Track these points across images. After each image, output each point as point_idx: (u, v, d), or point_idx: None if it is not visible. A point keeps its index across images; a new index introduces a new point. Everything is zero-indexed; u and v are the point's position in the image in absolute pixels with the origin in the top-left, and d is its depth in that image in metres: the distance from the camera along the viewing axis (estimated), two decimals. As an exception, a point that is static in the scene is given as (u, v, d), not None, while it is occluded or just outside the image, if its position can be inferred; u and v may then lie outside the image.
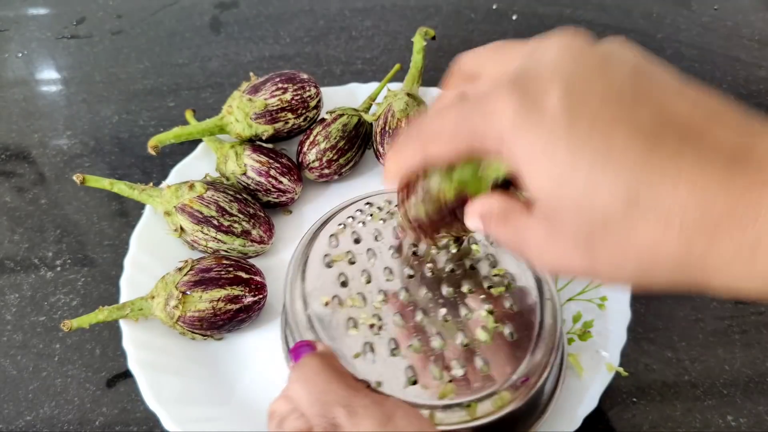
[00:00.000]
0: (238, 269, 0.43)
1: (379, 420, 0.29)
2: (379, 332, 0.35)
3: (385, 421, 0.28)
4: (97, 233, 0.53)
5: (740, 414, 0.42)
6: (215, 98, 0.64)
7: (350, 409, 0.29)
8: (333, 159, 0.51)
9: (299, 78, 0.51)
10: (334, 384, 0.31)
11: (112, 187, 0.47)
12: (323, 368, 0.32)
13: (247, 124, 0.49)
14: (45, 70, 0.69)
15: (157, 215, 0.48)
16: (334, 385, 0.31)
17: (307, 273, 0.39)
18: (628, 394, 0.43)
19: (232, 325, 0.43)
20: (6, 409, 0.43)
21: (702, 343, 0.45)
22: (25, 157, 0.60)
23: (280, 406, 0.32)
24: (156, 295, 0.42)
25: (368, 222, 0.41)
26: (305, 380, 0.31)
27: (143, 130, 0.61)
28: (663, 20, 0.72)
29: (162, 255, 0.46)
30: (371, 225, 0.41)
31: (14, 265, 0.51)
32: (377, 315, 0.36)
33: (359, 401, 0.30)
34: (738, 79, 0.66)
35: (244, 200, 0.47)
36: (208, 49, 0.70)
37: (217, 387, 0.42)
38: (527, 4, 0.74)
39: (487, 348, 0.35)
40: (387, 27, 0.72)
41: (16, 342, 0.47)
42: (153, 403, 0.39)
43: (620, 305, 0.43)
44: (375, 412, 0.29)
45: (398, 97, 0.52)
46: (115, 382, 0.44)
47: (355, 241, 0.40)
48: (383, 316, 0.36)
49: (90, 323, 0.41)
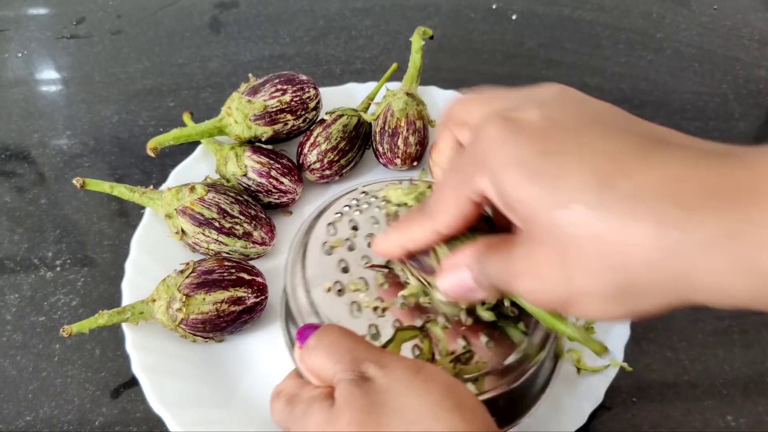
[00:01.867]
0: (240, 271, 0.43)
1: (411, 369, 0.27)
2: (383, 314, 0.35)
3: (416, 370, 0.27)
4: (97, 233, 0.53)
5: (740, 414, 0.42)
6: (215, 98, 0.64)
7: (380, 362, 0.28)
8: (334, 160, 0.51)
9: (298, 79, 0.51)
10: (360, 344, 0.30)
11: (113, 190, 0.47)
12: (345, 334, 0.31)
13: (246, 125, 0.49)
14: (45, 70, 0.69)
15: (158, 218, 0.48)
16: (361, 345, 0.29)
17: (307, 260, 0.38)
18: (627, 394, 0.43)
19: (234, 327, 0.43)
20: (6, 410, 0.43)
21: (702, 343, 0.46)
22: (24, 157, 0.60)
23: (288, 384, 0.31)
24: (157, 298, 0.42)
25: (365, 210, 0.41)
26: (326, 346, 0.30)
27: (143, 130, 0.61)
28: (662, 20, 0.72)
29: (163, 258, 0.46)
30: (368, 212, 0.41)
31: (14, 265, 0.51)
32: (380, 298, 0.36)
33: (388, 356, 0.29)
34: (737, 78, 0.66)
35: (245, 202, 0.47)
36: (207, 49, 0.70)
37: (219, 389, 0.42)
38: (526, 3, 0.74)
39: (488, 327, 0.35)
40: (387, 26, 0.72)
41: (16, 342, 0.47)
42: (158, 406, 0.39)
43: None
44: (405, 363, 0.28)
45: (397, 97, 0.52)
46: (114, 382, 0.44)
47: (353, 228, 0.40)
48: (386, 299, 0.36)
49: (90, 328, 0.41)
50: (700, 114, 0.62)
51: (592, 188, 0.22)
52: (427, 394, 0.26)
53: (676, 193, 0.20)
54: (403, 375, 0.27)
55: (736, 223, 0.19)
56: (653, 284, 0.21)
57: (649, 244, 0.20)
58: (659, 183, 0.21)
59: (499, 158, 0.24)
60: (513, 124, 0.24)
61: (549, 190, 0.22)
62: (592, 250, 0.22)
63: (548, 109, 0.25)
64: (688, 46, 0.69)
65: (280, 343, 0.44)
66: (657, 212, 0.20)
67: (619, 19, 0.72)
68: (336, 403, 0.27)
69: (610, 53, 0.69)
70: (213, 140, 0.52)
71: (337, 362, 0.29)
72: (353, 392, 0.27)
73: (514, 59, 0.68)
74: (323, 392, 0.29)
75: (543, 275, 0.24)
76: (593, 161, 0.22)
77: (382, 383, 0.27)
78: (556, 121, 0.24)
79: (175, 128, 0.49)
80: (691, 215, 0.20)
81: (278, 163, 0.49)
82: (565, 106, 0.25)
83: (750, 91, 0.64)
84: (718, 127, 0.61)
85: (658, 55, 0.69)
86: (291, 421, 0.29)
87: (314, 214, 0.42)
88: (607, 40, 0.70)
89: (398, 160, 0.51)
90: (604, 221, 0.21)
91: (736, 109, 0.63)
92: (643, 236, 0.21)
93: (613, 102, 0.26)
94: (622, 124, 0.24)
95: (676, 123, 0.61)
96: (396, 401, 0.26)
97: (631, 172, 0.21)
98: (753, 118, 0.62)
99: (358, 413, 0.26)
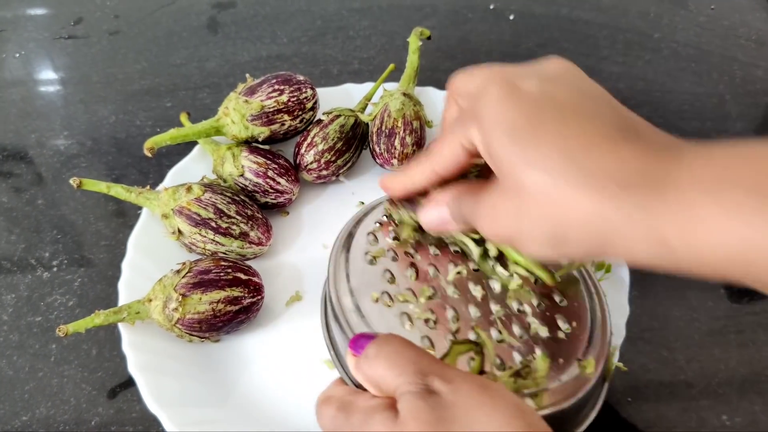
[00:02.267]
0: (236, 271, 0.43)
1: (479, 386, 0.27)
2: (435, 326, 0.35)
3: (484, 388, 0.27)
4: (94, 234, 0.53)
5: (735, 413, 0.42)
6: (212, 98, 0.64)
7: (445, 377, 0.28)
8: (331, 160, 0.51)
9: (295, 80, 0.51)
10: (423, 357, 0.29)
11: (109, 190, 0.47)
12: (406, 345, 0.30)
13: (243, 125, 0.49)
14: (42, 71, 0.69)
15: (155, 218, 0.48)
16: (424, 358, 0.29)
17: (351, 270, 0.38)
18: (623, 394, 0.43)
19: (230, 327, 0.43)
20: (2, 410, 0.43)
21: (697, 343, 0.46)
22: (22, 157, 0.60)
23: (338, 391, 0.31)
24: (153, 297, 0.42)
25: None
26: (387, 356, 0.29)
27: (140, 130, 0.61)
28: (660, 20, 0.72)
29: (159, 258, 0.46)
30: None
31: (11, 266, 0.51)
32: (430, 309, 0.36)
33: (452, 371, 0.28)
34: (735, 78, 0.66)
35: (241, 202, 0.47)
36: (205, 50, 0.70)
37: (216, 388, 0.42)
38: (524, 3, 0.74)
39: (544, 341, 0.35)
40: (384, 27, 0.72)
41: (13, 342, 0.47)
42: (153, 405, 0.39)
43: (619, 300, 0.43)
44: (472, 379, 0.28)
45: (394, 97, 0.52)
46: (111, 382, 0.44)
47: (394, 239, 0.40)
48: (436, 311, 0.36)
49: (86, 328, 0.41)
50: (697, 114, 0.62)
51: (557, 159, 0.26)
52: (495, 412, 0.26)
53: (619, 175, 0.25)
54: (470, 392, 0.27)
55: (653, 202, 0.25)
56: (581, 238, 0.27)
57: (586, 208, 0.26)
58: (611, 166, 0.26)
59: (493, 115, 0.29)
60: (513, 89, 0.29)
61: (524, 152, 0.27)
62: (541, 204, 0.27)
63: (547, 85, 0.29)
64: (686, 46, 0.69)
65: (276, 343, 0.44)
66: (600, 187, 0.25)
67: (617, 19, 0.72)
68: (400, 416, 0.27)
69: (607, 53, 0.69)
70: (210, 140, 0.52)
71: (400, 374, 0.28)
72: (419, 405, 0.26)
73: (512, 59, 0.67)
74: (384, 403, 0.28)
75: (499, 219, 0.29)
76: (567, 140, 0.27)
77: (448, 399, 0.27)
78: (550, 96, 0.28)
79: (173, 128, 0.49)
80: (623, 192, 0.25)
81: (275, 164, 0.49)
82: (563, 85, 0.29)
83: (747, 91, 0.65)
84: (715, 127, 0.61)
85: (656, 55, 0.69)
86: (345, 429, 0.29)
87: (353, 222, 0.41)
88: (604, 40, 0.70)
89: (395, 161, 0.51)
90: (556, 187, 0.26)
91: (734, 109, 0.63)
92: (583, 201, 0.26)
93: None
94: (605, 110, 0.29)
95: (674, 123, 0.61)
96: (465, 418, 0.26)
97: (593, 154, 0.26)
98: (750, 118, 0.62)
99: (425, 426, 0.26)
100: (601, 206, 0.25)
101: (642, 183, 0.25)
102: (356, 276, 0.38)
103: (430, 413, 0.26)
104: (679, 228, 0.24)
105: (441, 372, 0.28)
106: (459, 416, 0.26)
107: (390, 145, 0.51)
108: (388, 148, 0.51)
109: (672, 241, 0.25)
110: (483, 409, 0.26)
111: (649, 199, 0.25)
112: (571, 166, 0.26)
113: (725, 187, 0.24)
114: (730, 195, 0.24)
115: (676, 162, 0.25)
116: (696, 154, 0.26)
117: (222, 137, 0.52)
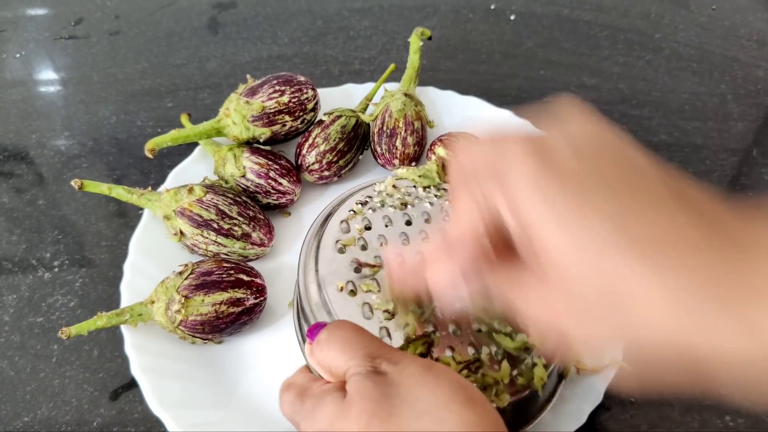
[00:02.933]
0: (239, 272, 0.43)
1: (423, 366, 0.28)
2: (394, 318, 0.36)
3: (428, 367, 0.28)
4: (95, 234, 0.53)
5: (738, 414, 0.42)
6: (213, 99, 0.64)
7: (392, 359, 0.29)
8: (333, 161, 0.51)
9: (296, 80, 0.51)
10: (373, 341, 0.30)
11: (111, 192, 0.47)
12: (357, 330, 0.31)
13: (244, 126, 0.49)
14: (43, 71, 0.69)
15: (156, 219, 0.48)
16: (374, 342, 0.30)
17: (320, 258, 0.38)
18: (626, 394, 0.43)
19: (233, 328, 0.43)
20: (3, 411, 0.43)
21: (700, 344, 0.46)
22: (23, 157, 0.59)
23: (298, 378, 0.32)
24: (156, 299, 0.42)
25: (378, 209, 0.41)
26: (338, 341, 0.30)
27: (141, 130, 0.61)
28: (661, 20, 0.72)
29: (161, 259, 0.46)
30: (380, 212, 0.41)
31: (12, 266, 0.51)
32: (391, 300, 0.36)
33: (399, 353, 0.29)
34: (736, 79, 0.66)
35: (243, 203, 0.47)
36: (206, 50, 0.70)
37: (218, 390, 0.42)
38: (525, 4, 0.74)
39: (499, 335, 0.36)
40: (385, 27, 0.72)
41: (14, 343, 0.47)
42: (157, 407, 0.39)
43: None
44: (417, 360, 0.29)
45: (395, 97, 0.52)
46: (113, 383, 0.44)
47: (365, 228, 0.40)
48: (397, 303, 0.36)
49: (89, 330, 0.41)
50: (698, 114, 0.62)
51: (617, 247, 0.22)
52: (438, 388, 0.27)
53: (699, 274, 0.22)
54: (415, 371, 0.28)
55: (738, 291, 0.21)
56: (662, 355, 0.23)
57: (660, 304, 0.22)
58: (689, 263, 0.22)
59: (532, 200, 0.24)
60: (548, 165, 0.24)
61: (576, 241, 0.23)
62: (604, 302, 0.23)
63: (584, 159, 0.24)
64: (687, 46, 0.69)
65: (279, 345, 0.44)
66: (671, 286, 0.22)
67: (618, 20, 0.72)
68: (348, 395, 0.28)
69: (608, 53, 0.69)
70: (211, 141, 0.52)
71: (350, 358, 0.29)
72: (366, 384, 0.27)
73: (513, 59, 0.68)
74: (335, 386, 0.29)
75: (553, 308, 0.25)
76: (618, 219, 0.23)
77: (394, 377, 0.28)
78: (590, 171, 0.24)
79: (174, 129, 0.49)
80: (702, 292, 0.22)
81: (277, 164, 0.49)
82: (600, 155, 0.25)
83: (748, 91, 0.65)
84: (716, 127, 0.61)
85: (657, 55, 0.69)
86: (301, 414, 0.30)
87: (327, 210, 0.42)
88: (605, 40, 0.70)
89: (396, 161, 0.51)
90: (621, 279, 0.22)
91: (735, 109, 0.63)
92: (654, 300, 0.22)
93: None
94: (657, 183, 0.24)
95: (675, 123, 0.61)
96: (408, 393, 0.27)
97: (664, 248, 0.22)
98: (751, 118, 0.62)
99: (370, 403, 0.26)
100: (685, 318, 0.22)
101: (721, 304, 0.22)
102: (325, 264, 0.38)
103: (376, 390, 0.27)
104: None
105: (389, 355, 0.29)
106: (402, 392, 0.27)
107: (391, 146, 0.51)
108: (390, 148, 0.51)
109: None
110: (426, 386, 0.27)
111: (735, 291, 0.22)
112: (630, 252, 0.23)
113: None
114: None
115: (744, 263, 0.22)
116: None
117: (223, 138, 0.52)
